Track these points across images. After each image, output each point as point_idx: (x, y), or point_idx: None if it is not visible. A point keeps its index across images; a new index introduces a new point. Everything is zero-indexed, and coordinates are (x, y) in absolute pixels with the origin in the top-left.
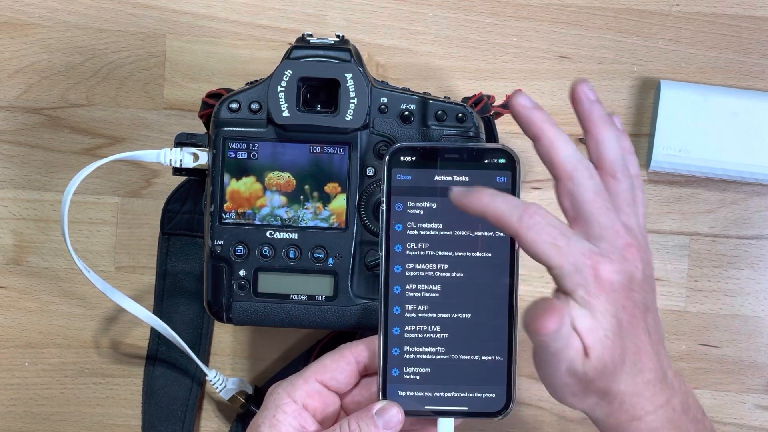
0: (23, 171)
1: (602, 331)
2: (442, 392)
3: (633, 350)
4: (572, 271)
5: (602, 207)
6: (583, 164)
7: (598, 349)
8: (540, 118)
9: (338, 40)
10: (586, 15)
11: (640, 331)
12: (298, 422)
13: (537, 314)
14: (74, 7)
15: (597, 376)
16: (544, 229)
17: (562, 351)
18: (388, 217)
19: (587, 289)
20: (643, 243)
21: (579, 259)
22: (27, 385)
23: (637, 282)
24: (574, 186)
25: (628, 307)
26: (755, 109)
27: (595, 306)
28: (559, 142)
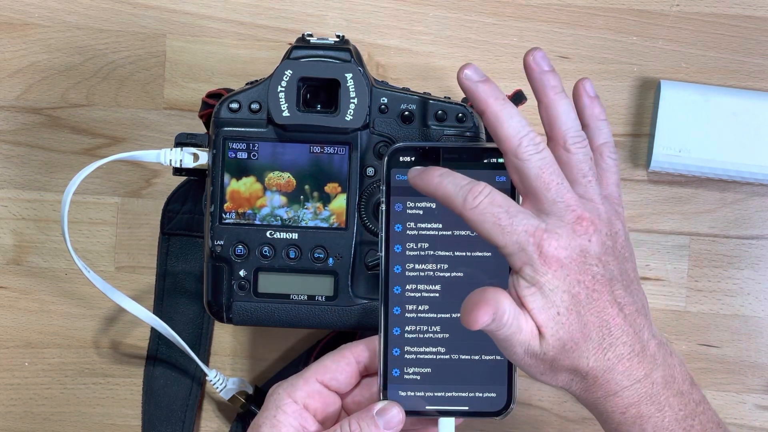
0: (23, 171)
1: (554, 308)
2: (443, 392)
3: (597, 324)
4: (516, 250)
5: (550, 181)
6: (528, 138)
7: (551, 326)
8: (485, 91)
9: (338, 40)
10: (586, 15)
11: (605, 305)
12: (299, 422)
13: (470, 307)
14: (74, 7)
15: (557, 354)
16: (488, 209)
17: (512, 336)
18: (387, 217)
19: (533, 266)
20: (604, 213)
21: (522, 238)
22: (27, 385)
23: (592, 255)
24: (519, 161)
25: (584, 281)
26: (755, 109)
27: (544, 283)
28: (504, 116)
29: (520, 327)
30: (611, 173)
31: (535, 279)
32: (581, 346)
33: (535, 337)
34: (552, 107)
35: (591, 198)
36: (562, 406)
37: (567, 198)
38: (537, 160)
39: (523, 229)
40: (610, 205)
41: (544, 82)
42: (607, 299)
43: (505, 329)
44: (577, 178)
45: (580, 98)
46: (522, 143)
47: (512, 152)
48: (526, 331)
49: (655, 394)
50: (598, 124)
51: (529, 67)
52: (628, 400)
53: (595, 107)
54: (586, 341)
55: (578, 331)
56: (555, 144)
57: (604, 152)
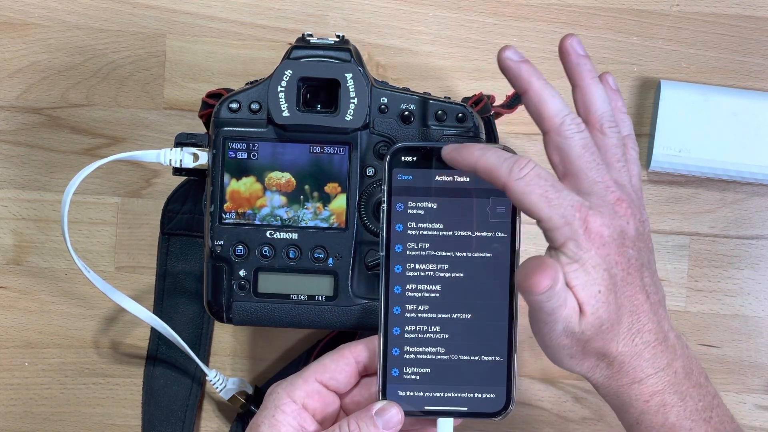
0: (23, 171)
1: (596, 286)
2: (442, 392)
3: (629, 309)
4: (562, 224)
5: (591, 161)
6: (570, 118)
7: (592, 305)
8: (528, 71)
9: (338, 40)
10: (586, 15)
11: (637, 290)
12: (298, 422)
13: (530, 272)
14: (74, 7)
15: (594, 334)
16: (534, 181)
17: (558, 310)
18: (388, 217)
19: (578, 242)
20: (636, 200)
21: (569, 212)
22: (27, 385)
23: (629, 238)
24: (563, 140)
25: (621, 263)
26: (755, 109)
27: (587, 260)
28: (547, 95)
29: (566, 301)
30: (635, 165)
31: (579, 255)
32: (615, 329)
33: (576, 314)
34: (589, 91)
35: (623, 183)
36: (562, 406)
37: (606, 179)
38: (579, 139)
39: (569, 203)
40: (637, 193)
41: (581, 67)
42: (638, 284)
43: (554, 300)
44: (611, 162)
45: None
46: (565, 122)
47: (555, 130)
48: (570, 307)
49: (677, 383)
50: (621, 117)
51: (566, 51)
52: (653, 388)
53: (618, 99)
54: (619, 324)
55: (615, 312)
56: (591, 127)
57: (628, 144)
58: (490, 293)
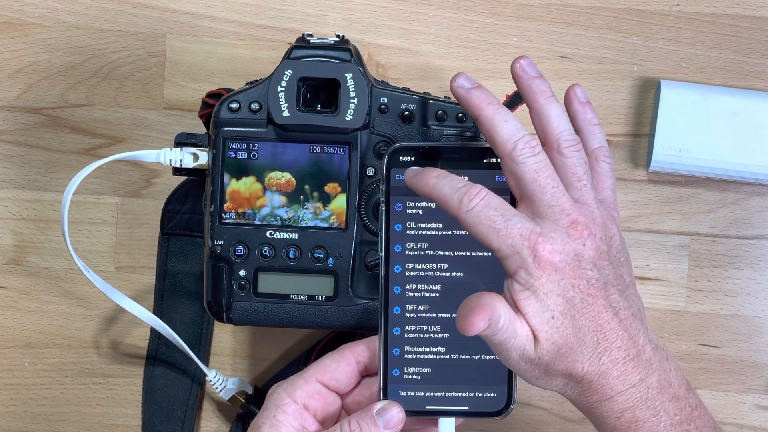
0: (23, 171)
1: (548, 312)
2: (443, 392)
3: (592, 329)
4: (511, 254)
5: (545, 185)
6: (524, 141)
7: (546, 331)
8: (478, 98)
9: (338, 40)
10: (586, 15)
11: (601, 309)
12: (299, 422)
13: (463, 314)
14: (74, 7)
15: (552, 358)
16: (483, 212)
17: (507, 341)
18: (387, 217)
19: (528, 270)
20: (599, 217)
21: (517, 241)
22: (27, 385)
23: (587, 259)
24: (515, 165)
25: (578, 286)
26: (755, 109)
27: (538, 287)
28: (499, 120)
29: (515, 331)
30: (606, 177)
31: (530, 283)
32: (576, 351)
33: (530, 342)
34: (543, 112)
35: (586, 202)
36: (562, 406)
37: (562, 202)
38: (532, 163)
39: (518, 232)
40: (606, 209)
41: (533, 88)
42: (602, 303)
43: (500, 334)
44: (572, 182)
45: (572, 104)
46: (517, 146)
47: (508, 155)
48: (521, 336)
49: (650, 398)
50: (592, 129)
51: (517, 75)
52: (623, 405)
53: (587, 112)
54: (580, 345)
55: (573, 335)
56: (549, 148)
57: (599, 157)
58: None
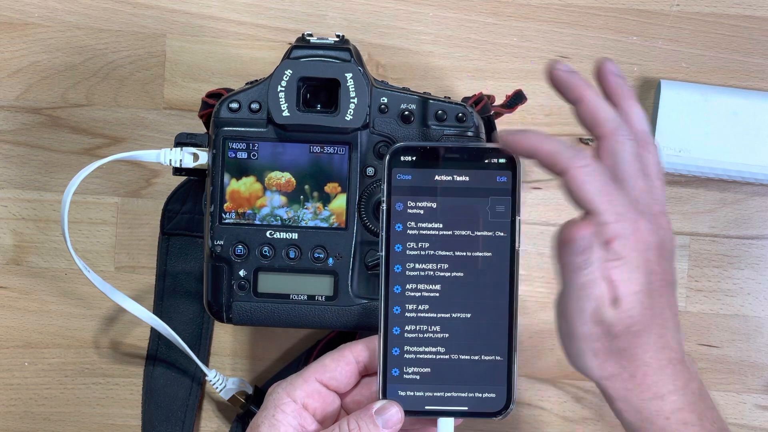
0: (23, 171)
1: (635, 284)
2: (442, 392)
3: (659, 322)
4: (614, 220)
5: (639, 170)
6: (624, 126)
7: (629, 300)
8: (581, 81)
9: (338, 40)
10: (586, 15)
11: (666, 305)
12: (298, 422)
13: (568, 225)
14: (74, 7)
15: (623, 330)
16: (596, 172)
17: (590, 285)
18: (388, 216)
19: (626, 240)
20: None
21: (623, 210)
22: (27, 385)
23: (667, 250)
24: (617, 144)
25: (658, 273)
26: (755, 109)
27: (631, 259)
28: (601, 103)
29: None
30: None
31: (624, 253)
32: (644, 336)
33: (609, 301)
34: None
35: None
36: (562, 406)
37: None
38: (631, 146)
39: (623, 202)
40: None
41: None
42: (668, 300)
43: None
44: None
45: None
46: (620, 128)
47: (613, 134)
48: (603, 289)
49: (695, 402)
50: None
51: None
52: (674, 405)
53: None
54: (649, 332)
55: (648, 318)
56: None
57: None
58: (490, 293)
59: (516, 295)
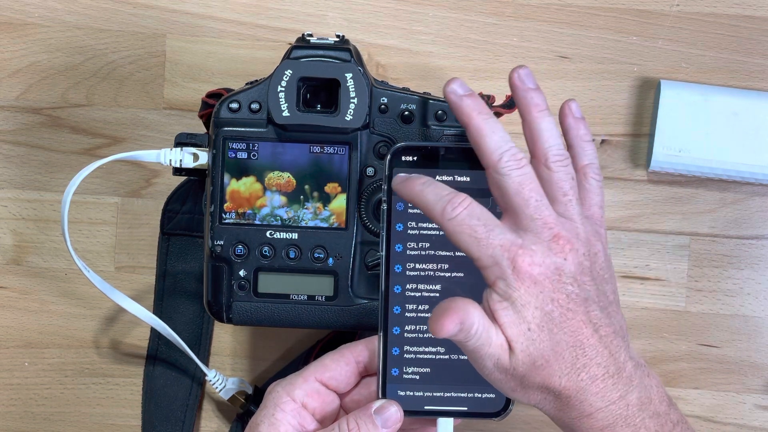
0: (23, 171)
1: (524, 324)
2: (442, 392)
3: (571, 344)
4: (491, 264)
5: (529, 198)
6: (510, 153)
7: (521, 342)
8: (469, 106)
9: (338, 40)
10: (586, 15)
11: (580, 325)
12: (297, 421)
13: (435, 316)
14: (74, 7)
15: (528, 371)
16: (465, 221)
17: (482, 348)
18: (389, 216)
19: (506, 281)
20: (583, 233)
21: (497, 252)
22: (27, 385)
23: (567, 274)
24: (499, 176)
25: (558, 300)
26: (755, 109)
27: (516, 298)
28: (487, 130)
29: (489, 339)
30: (594, 194)
31: (508, 293)
32: (552, 364)
33: (504, 352)
34: (535, 125)
35: (570, 217)
36: None
37: (545, 215)
38: (517, 175)
39: (499, 243)
40: (591, 225)
41: (527, 100)
42: (582, 319)
43: (473, 340)
44: (557, 197)
45: (566, 119)
46: (503, 158)
47: (493, 166)
48: (495, 345)
49: (630, 415)
50: (583, 145)
51: (514, 84)
52: (603, 422)
53: (581, 128)
54: (557, 359)
55: (549, 348)
56: (537, 161)
57: (588, 173)
58: None
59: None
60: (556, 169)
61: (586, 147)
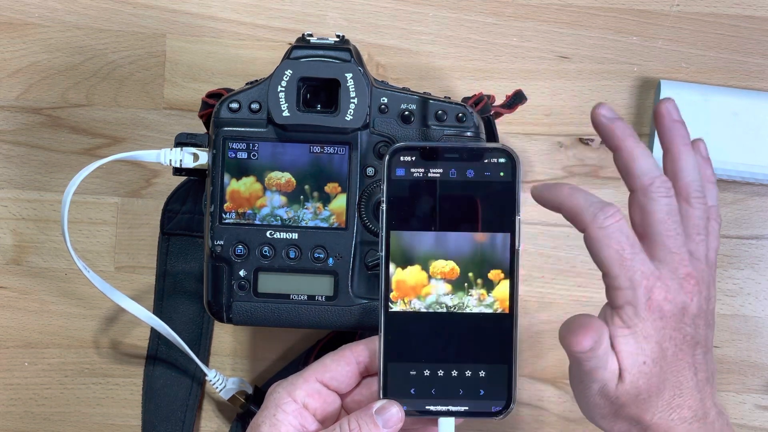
0: (23, 171)
1: (642, 356)
2: (443, 392)
3: (674, 383)
4: (627, 287)
5: (672, 229)
6: (661, 180)
7: (634, 374)
8: (621, 129)
9: (338, 40)
10: (586, 15)
11: (685, 366)
12: (299, 421)
13: (573, 329)
14: (74, 7)
15: (629, 401)
16: (615, 234)
17: (597, 371)
18: (388, 216)
19: (636, 309)
20: (706, 276)
21: (637, 277)
22: (27, 385)
23: (689, 314)
24: (648, 201)
25: (675, 339)
26: (755, 109)
27: (640, 329)
28: (639, 153)
29: (606, 363)
30: (714, 238)
31: (634, 322)
32: (653, 400)
33: (614, 378)
34: (680, 158)
35: (699, 257)
36: (562, 406)
37: (682, 251)
38: (665, 203)
39: (641, 268)
40: (711, 269)
41: (674, 132)
42: (689, 361)
43: (594, 361)
44: (692, 234)
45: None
46: (655, 183)
47: (643, 189)
48: (610, 370)
49: None
50: (709, 186)
51: (660, 114)
52: None
53: (707, 168)
54: (658, 396)
55: (656, 385)
56: (678, 195)
57: (711, 216)
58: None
59: (516, 296)
60: (696, 205)
61: (712, 189)
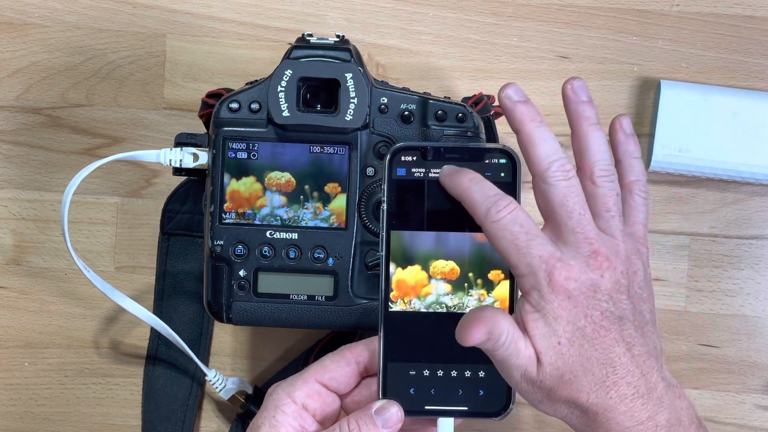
0: (23, 171)
1: (554, 337)
2: (442, 392)
3: (601, 361)
4: (527, 273)
5: (572, 210)
6: (558, 163)
7: (550, 355)
8: (522, 112)
9: (338, 40)
10: (586, 15)
11: (612, 342)
12: (298, 422)
13: (464, 323)
14: (74, 7)
15: (555, 384)
16: (508, 226)
17: (509, 359)
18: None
19: (540, 292)
20: (623, 251)
21: (535, 262)
22: (27, 385)
23: (603, 290)
24: (546, 185)
25: (592, 316)
26: (755, 109)
27: (548, 311)
28: (538, 138)
29: (518, 350)
30: (639, 211)
31: (540, 305)
32: (581, 380)
33: (533, 363)
34: (584, 138)
35: (612, 234)
36: None
37: (587, 230)
38: (563, 186)
39: (538, 253)
40: (633, 243)
41: (579, 113)
42: (615, 337)
43: (501, 350)
44: (600, 212)
45: (616, 134)
46: (551, 167)
47: (540, 175)
48: (524, 356)
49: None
50: (631, 161)
51: (566, 95)
52: None
53: (630, 144)
54: (586, 375)
55: (579, 364)
56: (583, 175)
57: (633, 189)
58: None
59: (516, 295)
60: (601, 183)
61: (634, 163)
